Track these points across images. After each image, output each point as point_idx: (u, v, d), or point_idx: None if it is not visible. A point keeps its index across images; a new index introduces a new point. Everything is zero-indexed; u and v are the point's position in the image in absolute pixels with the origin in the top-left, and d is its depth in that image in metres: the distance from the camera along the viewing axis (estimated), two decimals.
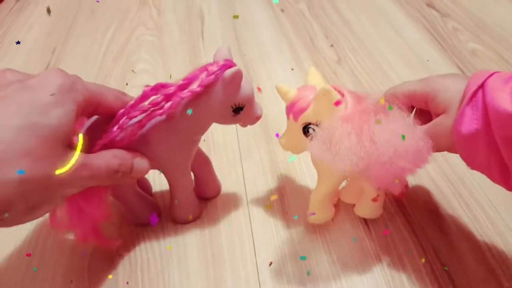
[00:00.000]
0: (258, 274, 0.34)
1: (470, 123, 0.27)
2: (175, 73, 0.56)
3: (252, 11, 0.71)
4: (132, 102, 0.30)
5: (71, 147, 0.27)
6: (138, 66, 0.58)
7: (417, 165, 0.30)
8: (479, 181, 0.40)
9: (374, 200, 0.35)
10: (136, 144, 0.31)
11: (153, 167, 0.33)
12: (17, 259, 0.35)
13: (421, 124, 0.32)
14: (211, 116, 0.31)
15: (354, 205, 0.38)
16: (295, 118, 0.31)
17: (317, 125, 0.31)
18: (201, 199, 0.39)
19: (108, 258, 0.35)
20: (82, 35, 0.67)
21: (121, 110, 0.30)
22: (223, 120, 0.32)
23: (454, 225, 0.37)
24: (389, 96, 0.34)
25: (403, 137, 0.29)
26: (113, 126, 0.30)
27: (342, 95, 0.31)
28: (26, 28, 0.69)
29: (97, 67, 0.59)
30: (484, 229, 0.36)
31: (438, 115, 0.31)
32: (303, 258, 0.34)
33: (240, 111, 0.31)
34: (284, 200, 0.39)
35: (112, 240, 0.35)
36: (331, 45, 0.59)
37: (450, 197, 0.39)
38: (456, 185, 0.40)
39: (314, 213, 0.35)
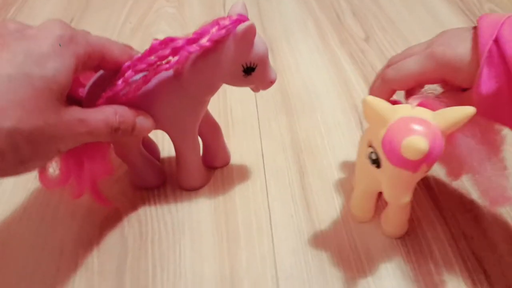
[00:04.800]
0: (274, 253, 0.32)
1: (490, 82, 0.25)
2: None
3: None
4: (139, 55, 0.28)
5: (73, 100, 0.26)
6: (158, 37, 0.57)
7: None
8: None
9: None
10: (141, 101, 0.30)
11: (157, 127, 0.31)
12: (27, 226, 0.34)
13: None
14: (221, 75, 0.29)
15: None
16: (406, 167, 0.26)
17: None
18: (209, 168, 0.38)
19: (118, 228, 0.34)
20: (100, 6, 0.65)
21: (127, 63, 0.28)
22: (233, 81, 0.29)
23: (488, 213, 0.34)
24: (392, 82, 0.30)
25: None
26: (118, 79, 0.28)
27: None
28: None
29: (115, 38, 0.57)
30: None
31: (461, 87, 0.28)
32: None
33: (252, 71, 0.28)
34: (304, 178, 0.37)
35: (109, 200, 0.33)
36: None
37: None
38: None
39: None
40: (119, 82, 0.28)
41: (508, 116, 0.27)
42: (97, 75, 0.30)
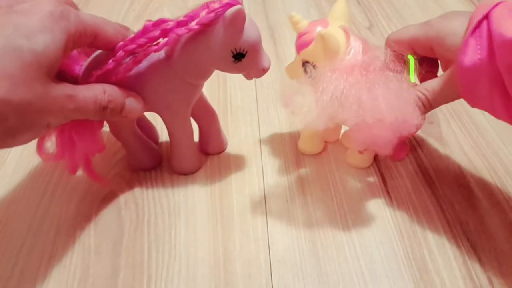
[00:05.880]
0: (268, 236, 0.32)
1: (474, 53, 0.26)
2: None
3: None
4: (131, 35, 0.28)
5: (69, 78, 0.26)
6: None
7: (399, 135, 0.29)
8: None
9: (360, 152, 0.35)
10: (133, 82, 0.30)
11: (149, 109, 0.32)
12: (26, 204, 0.35)
13: (428, 72, 0.32)
14: (210, 59, 0.29)
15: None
16: (297, 51, 0.31)
17: (313, 66, 0.30)
18: (205, 154, 0.38)
19: (115, 210, 0.34)
20: None
21: (120, 43, 0.28)
22: (223, 66, 0.30)
23: (485, 201, 0.34)
24: (391, 43, 0.32)
25: None
26: (111, 59, 0.28)
27: (348, 39, 0.30)
28: None
29: None
30: None
31: (447, 61, 0.29)
32: None
33: (242, 58, 0.28)
34: (301, 165, 0.37)
35: (101, 177, 0.34)
36: None
37: (484, 173, 0.36)
38: (490, 160, 0.37)
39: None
40: (110, 61, 0.28)
41: (485, 98, 0.27)
42: (94, 54, 0.30)
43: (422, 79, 0.32)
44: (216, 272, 0.30)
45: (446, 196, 0.34)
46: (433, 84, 0.29)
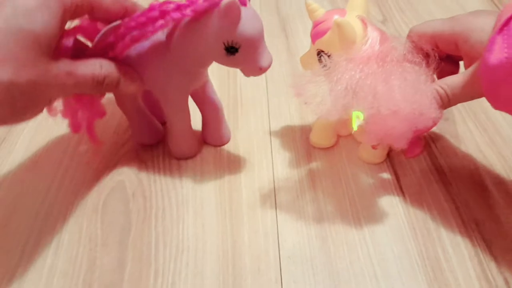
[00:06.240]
0: (277, 231, 0.31)
1: (500, 51, 0.25)
2: None
3: None
4: (138, 13, 0.28)
5: (61, 52, 0.27)
6: None
7: (415, 127, 0.28)
8: None
9: (373, 147, 0.34)
10: (133, 61, 0.30)
11: (146, 87, 0.32)
12: (33, 194, 0.34)
13: (448, 69, 0.32)
14: (204, 48, 0.29)
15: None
16: (312, 40, 0.31)
17: (328, 56, 0.29)
18: (208, 145, 0.38)
19: (123, 202, 0.34)
20: None
21: (126, 19, 0.28)
22: (217, 58, 0.29)
23: (501, 200, 0.33)
24: (413, 36, 0.31)
25: None
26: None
27: (366, 29, 0.29)
28: None
29: None
30: None
31: (471, 58, 0.28)
32: None
33: (235, 52, 0.28)
34: (312, 159, 0.36)
35: (100, 140, 0.35)
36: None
37: (500, 171, 0.35)
38: (507, 159, 0.36)
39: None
40: (111, 36, 0.28)
41: (509, 98, 0.26)
42: (111, 25, 0.30)
43: (440, 78, 0.31)
44: (225, 267, 0.29)
45: (461, 194, 0.33)
46: (454, 80, 0.28)
